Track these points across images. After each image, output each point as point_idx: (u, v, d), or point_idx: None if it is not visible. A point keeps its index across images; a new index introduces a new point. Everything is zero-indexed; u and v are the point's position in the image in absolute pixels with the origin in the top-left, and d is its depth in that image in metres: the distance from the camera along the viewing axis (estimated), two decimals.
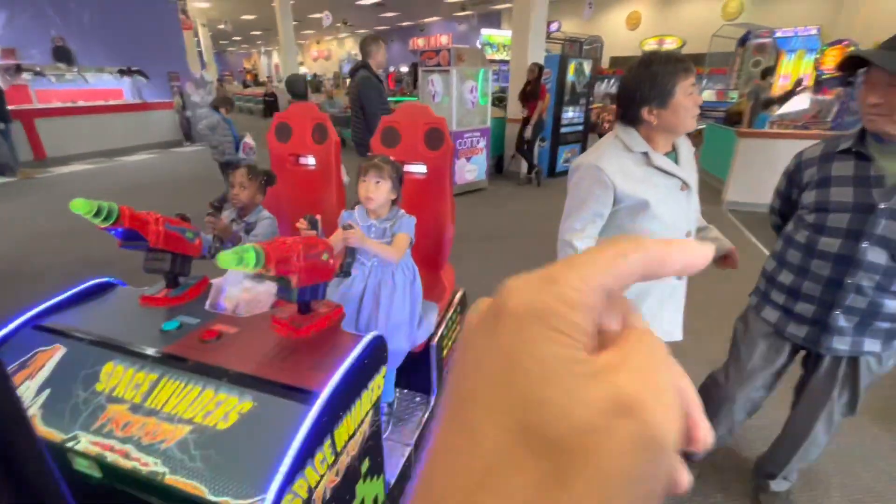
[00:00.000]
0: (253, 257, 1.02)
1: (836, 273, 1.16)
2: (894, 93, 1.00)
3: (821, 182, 1.19)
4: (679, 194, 1.30)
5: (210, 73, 16.27)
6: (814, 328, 1.25)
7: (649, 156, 1.26)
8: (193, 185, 6.24)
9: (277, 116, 2.14)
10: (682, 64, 1.18)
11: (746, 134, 5.21)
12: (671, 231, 1.32)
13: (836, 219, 1.15)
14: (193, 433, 0.98)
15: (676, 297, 1.44)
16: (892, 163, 1.08)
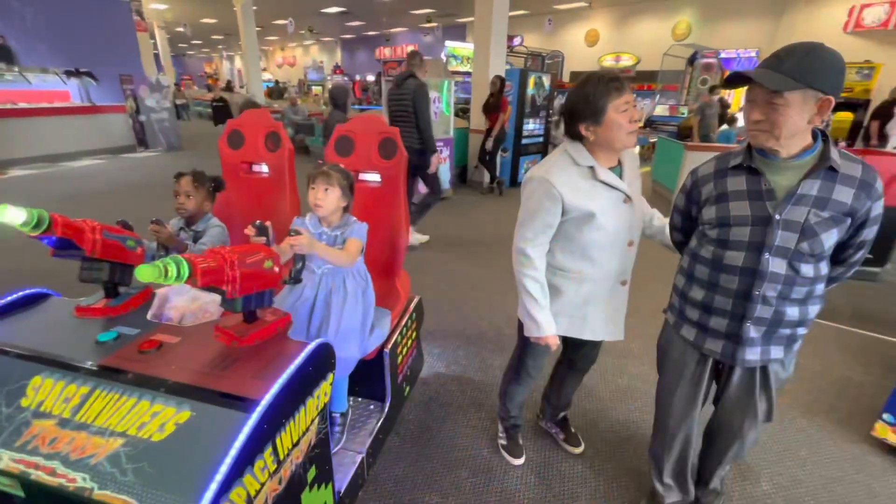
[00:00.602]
0: (174, 269, 0.98)
1: (744, 285, 1.17)
2: (773, 109, 1.03)
3: (719, 198, 1.20)
4: (622, 206, 1.37)
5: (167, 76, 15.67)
6: (728, 342, 1.24)
7: (595, 170, 1.34)
8: (146, 193, 5.99)
9: (230, 123, 2.11)
10: (614, 83, 1.26)
11: (694, 147, 5.54)
12: (614, 240, 1.40)
13: (738, 232, 1.16)
14: (126, 446, 0.95)
15: (616, 300, 1.52)
16: (780, 176, 1.11)
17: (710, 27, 12.74)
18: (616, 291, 1.50)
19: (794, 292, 1.14)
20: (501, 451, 1.88)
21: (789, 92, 1.00)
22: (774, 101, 1.02)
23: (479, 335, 2.79)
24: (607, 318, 1.51)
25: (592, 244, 1.39)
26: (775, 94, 1.01)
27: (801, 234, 1.09)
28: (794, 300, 1.16)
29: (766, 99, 1.04)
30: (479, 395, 2.25)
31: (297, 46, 26.55)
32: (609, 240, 1.39)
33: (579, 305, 1.48)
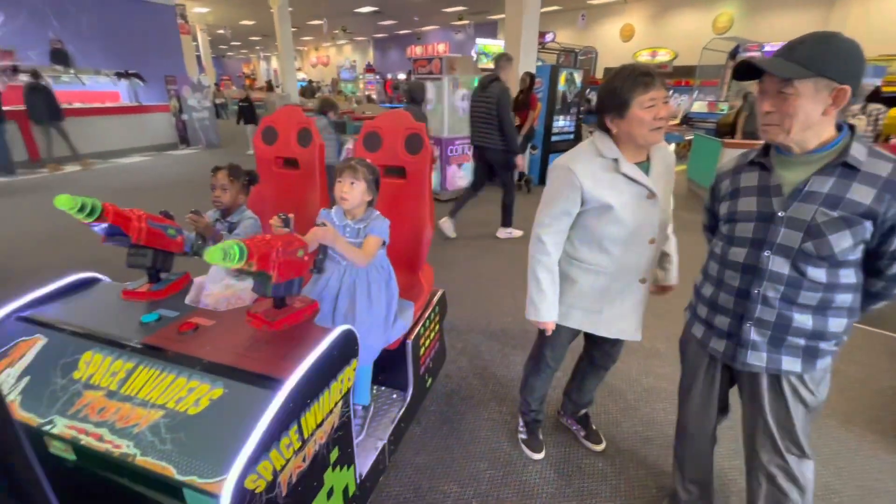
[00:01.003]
0: (237, 252, 1.09)
1: (744, 283, 1.13)
2: (783, 100, 0.99)
3: (732, 193, 1.17)
4: (645, 202, 1.35)
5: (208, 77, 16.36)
6: (730, 342, 1.19)
7: (619, 162, 1.33)
8: (186, 187, 6.29)
9: (265, 120, 2.20)
10: (642, 78, 1.24)
11: (732, 145, 5.33)
12: (634, 235, 1.39)
13: (743, 228, 1.13)
14: (165, 417, 1.03)
15: (633, 298, 1.49)
16: (789, 172, 1.07)
17: (754, 19, 12.17)
18: (634, 289, 1.47)
19: (801, 297, 1.06)
20: (521, 445, 1.89)
21: (800, 81, 0.95)
22: (784, 91, 0.98)
23: (502, 331, 2.80)
24: (622, 316, 1.50)
25: (610, 237, 1.39)
26: (786, 84, 0.97)
27: (806, 232, 1.02)
28: (803, 306, 1.07)
29: (776, 89, 0.99)
30: (501, 389, 2.26)
31: (330, 46, 27.10)
32: (628, 234, 1.38)
33: (595, 299, 1.47)
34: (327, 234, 1.38)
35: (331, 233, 1.40)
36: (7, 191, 6.23)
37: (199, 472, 0.92)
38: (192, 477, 0.91)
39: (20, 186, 6.50)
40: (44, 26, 8.44)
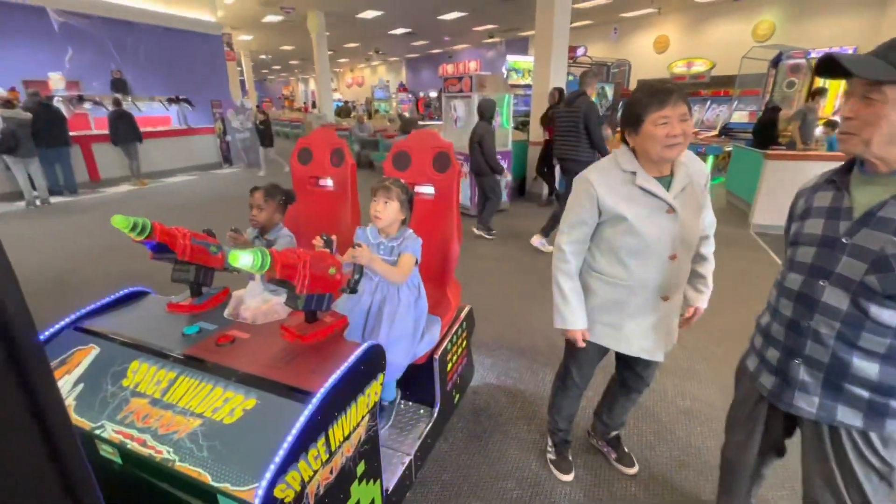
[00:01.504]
0: (259, 259, 1.16)
1: (796, 314, 1.03)
2: (867, 105, 0.87)
3: (803, 213, 1.08)
4: (663, 216, 1.33)
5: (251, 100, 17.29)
6: (777, 379, 1.09)
7: (636, 175, 1.33)
8: (228, 205, 6.61)
9: (300, 141, 2.31)
10: (657, 96, 1.23)
11: (775, 156, 5.10)
12: (651, 249, 1.36)
13: (804, 253, 1.03)
14: (203, 426, 1.08)
15: (654, 315, 1.44)
16: (864, 193, 0.95)
17: (797, 26, 11.71)
18: (656, 306, 1.43)
19: (862, 339, 0.92)
20: (550, 465, 1.85)
21: (890, 86, 0.83)
22: (870, 96, 0.86)
23: (531, 348, 2.77)
24: (643, 333, 1.46)
25: (627, 249, 1.38)
26: (873, 88, 0.86)
27: (872, 264, 0.89)
28: (866, 351, 0.93)
29: (862, 92, 0.88)
30: (530, 407, 2.23)
31: (365, 67, 28.03)
32: (644, 248, 1.36)
33: (615, 313, 1.46)
34: (363, 255, 1.43)
35: (367, 253, 1.45)
36: (69, 209, 6.75)
37: (232, 479, 0.96)
38: (226, 484, 0.96)
39: (80, 205, 7.02)
40: (106, 59, 9.19)
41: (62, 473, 0.42)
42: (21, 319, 0.37)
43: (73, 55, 8.72)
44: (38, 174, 6.67)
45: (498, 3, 11.86)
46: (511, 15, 13.24)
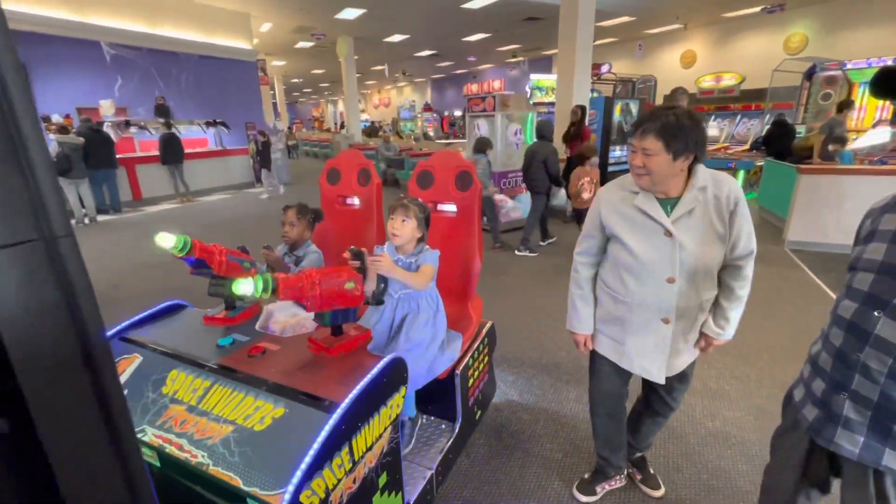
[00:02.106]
0: (261, 284, 1.21)
1: (846, 345, 0.96)
2: None
3: (868, 236, 1.00)
4: (661, 239, 1.32)
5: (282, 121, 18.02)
6: (821, 412, 1.02)
7: (638, 195, 1.36)
8: (261, 223, 6.87)
9: (329, 162, 2.42)
10: (637, 123, 1.31)
11: (809, 170, 4.94)
12: (647, 270, 1.36)
13: (861, 279, 0.95)
14: (235, 433, 1.14)
15: (654, 337, 1.42)
16: None
17: (831, 37, 11.41)
18: (656, 328, 1.42)
19: None
20: (574, 484, 1.82)
21: None
22: None
23: (555, 365, 2.75)
24: (644, 353, 1.46)
25: (625, 266, 1.41)
26: None
27: None
28: None
29: None
30: (553, 425, 2.21)
31: (391, 88, 28.83)
32: (641, 268, 1.37)
33: (618, 328, 1.49)
34: (383, 264, 1.48)
35: (387, 262, 1.50)
36: (114, 227, 7.16)
37: (261, 484, 1.01)
38: (255, 488, 1.01)
39: (124, 222, 7.44)
40: (151, 86, 9.82)
41: (123, 467, 0.47)
42: (94, 321, 0.43)
43: (122, 83, 9.35)
44: (88, 194, 7.12)
45: (521, 23, 12.08)
46: (534, 35, 13.45)
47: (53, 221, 0.39)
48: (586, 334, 1.58)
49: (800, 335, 3.01)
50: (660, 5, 11.03)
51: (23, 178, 0.37)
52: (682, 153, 1.24)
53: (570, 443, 2.08)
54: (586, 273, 1.56)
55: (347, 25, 11.91)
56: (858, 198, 4.59)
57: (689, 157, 1.27)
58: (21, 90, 0.36)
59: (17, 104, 0.36)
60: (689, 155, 1.26)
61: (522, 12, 10.98)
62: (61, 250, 0.40)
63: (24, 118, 0.37)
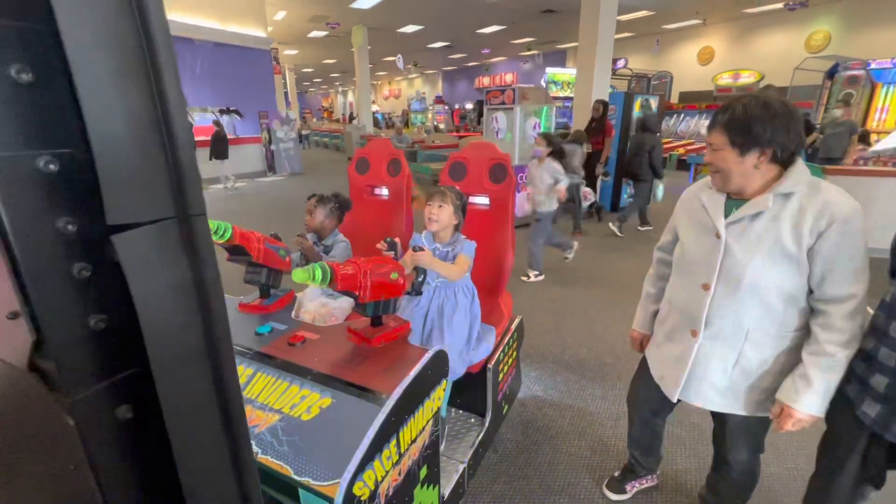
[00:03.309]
0: (320, 274, 1.20)
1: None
2: None
3: None
4: (709, 239, 1.22)
5: (293, 111, 18.00)
6: (885, 407, 1.01)
7: (708, 191, 1.27)
8: (277, 210, 6.88)
9: (358, 152, 2.39)
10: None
11: (835, 171, 4.85)
12: (689, 270, 1.29)
13: None
14: (282, 421, 1.13)
15: (680, 347, 1.33)
16: None
17: (854, 35, 11.17)
18: (682, 337, 1.31)
19: None
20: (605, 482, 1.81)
21: None
22: None
23: (578, 362, 2.73)
24: (667, 362, 1.39)
25: (675, 263, 1.38)
26: None
27: None
28: None
29: None
30: (580, 422, 2.19)
31: (402, 80, 28.68)
32: (684, 266, 1.32)
33: (660, 328, 1.44)
34: (424, 257, 1.47)
35: (427, 255, 1.48)
36: None
37: (313, 474, 1.00)
38: (307, 478, 1.00)
39: None
40: None
41: (235, 456, 0.46)
42: (219, 304, 0.41)
43: None
44: None
45: (538, 16, 11.92)
46: (550, 28, 13.28)
47: (190, 199, 0.37)
48: (640, 332, 1.56)
49: None
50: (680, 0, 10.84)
51: (164, 155, 0.35)
52: (752, 148, 1.08)
53: (598, 440, 2.07)
54: (658, 270, 1.51)
55: (362, 15, 11.82)
56: (885, 200, 4.50)
57: (764, 154, 1.08)
58: (171, 73, 0.34)
59: (166, 86, 0.34)
60: (765, 151, 1.08)
61: (540, 4, 10.84)
62: (195, 229, 0.38)
63: (171, 99, 0.35)
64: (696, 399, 1.32)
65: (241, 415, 0.45)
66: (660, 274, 1.50)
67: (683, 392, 1.34)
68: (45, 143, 0.32)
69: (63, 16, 0.28)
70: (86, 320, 0.36)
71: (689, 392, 1.33)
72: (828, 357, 1.10)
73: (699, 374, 1.29)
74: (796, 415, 1.13)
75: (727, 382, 1.26)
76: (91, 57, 0.30)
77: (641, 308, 1.56)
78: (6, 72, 0.30)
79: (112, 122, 0.32)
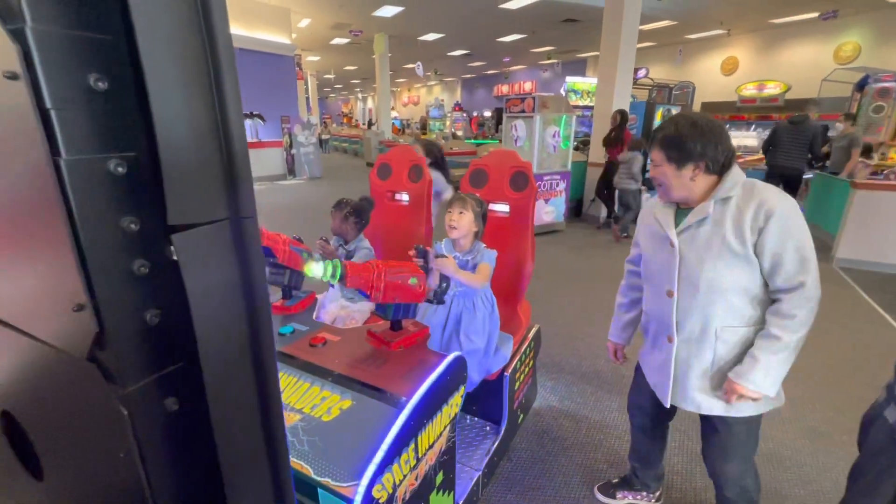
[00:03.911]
0: (330, 268, 1.23)
1: None
2: None
3: None
4: (665, 249, 1.29)
5: (314, 116, 18.32)
6: None
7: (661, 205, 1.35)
8: (298, 213, 6.99)
9: (380, 157, 2.43)
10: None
11: (865, 185, 4.72)
12: (652, 280, 1.37)
13: None
14: (302, 421, 1.15)
15: (661, 354, 1.36)
16: None
17: (886, 48, 10.89)
18: (661, 344, 1.36)
19: None
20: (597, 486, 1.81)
21: None
22: None
23: (594, 373, 2.70)
24: (653, 368, 1.43)
25: (644, 274, 1.43)
26: None
27: None
28: None
29: None
30: (596, 434, 2.16)
31: (421, 87, 28.94)
32: (649, 277, 1.40)
33: (645, 336, 1.48)
34: (448, 265, 1.47)
35: (452, 264, 1.49)
36: None
37: (332, 474, 1.01)
38: (327, 478, 1.01)
39: None
40: None
41: (271, 449, 0.47)
42: (264, 304, 0.43)
43: None
44: None
45: (559, 25, 11.93)
46: (571, 37, 13.26)
47: (242, 202, 0.39)
48: (612, 342, 1.63)
49: (854, 356, 2.87)
50: (705, 10, 10.73)
51: (221, 160, 0.37)
52: (686, 163, 1.18)
53: (615, 454, 2.03)
54: (629, 281, 1.57)
55: (384, 23, 12.00)
56: None
57: (698, 167, 1.18)
58: (232, 83, 0.36)
59: (227, 95, 0.36)
60: (699, 164, 1.18)
61: (561, 14, 10.85)
62: (246, 230, 0.39)
63: (230, 107, 0.37)
64: (686, 403, 1.35)
65: (279, 410, 0.46)
66: (630, 284, 1.57)
67: (673, 397, 1.37)
68: (115, 147, 0.34)
69: (142, 30, 0.30)
70: (143, 315, 0.38)
71: (677, 396, 1.36)
72: (773, 339, 1.16)
73: (683, 379, 1.33)
74: (739, 389, 1.20)
75: (709, 383, 1.30)
76: (163, 67, 0.32)
77: (614, 318, 1.62)
78: (85, 80, 0.32)
79: (178, 128, 0.34)
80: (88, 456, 0.42)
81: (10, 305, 0.44)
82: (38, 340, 0.41)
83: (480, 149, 10.94)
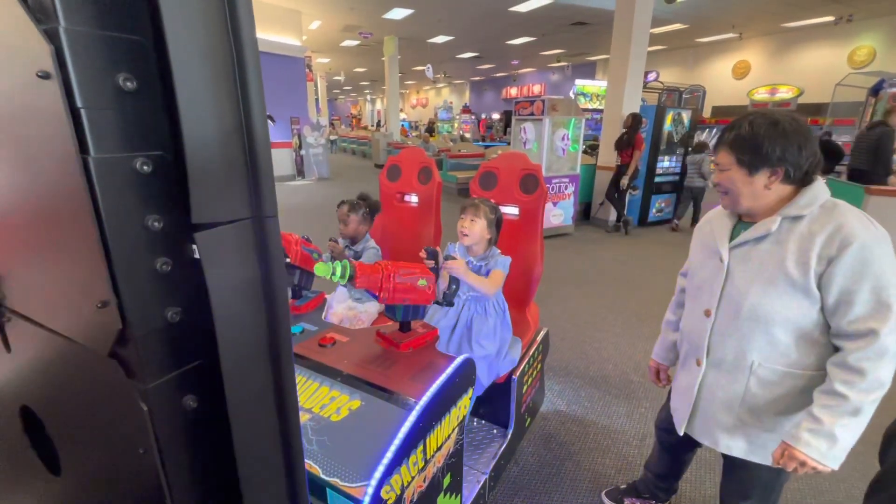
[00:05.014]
0: (339, 269, 1.24)
1: None
2: None
3: None
4: (713, 264, 1.17)
5: (323, 117, 18.44)
6: None
7: (721, 214, 1.23)
8: (307, 214, 7.03)
9: (391, 159, 2.44)
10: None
11: (879, 192, 4.64)
12: (695, 296, 1.24)
13: None
14: (311, 421, 1.15)
15: (688, 377, 1.27)
16: None
17: None
18: (690, 367, 1.25)
19: None
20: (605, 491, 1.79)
21: None
22: None
23: (602, 378, 2.68)
24: (678, 390, 1.33)
25: (686, 289, 1.33)
26: None
27: None
28: None
29: None
30: (604, 440, 2.15)
31: (430, 89, 29.01)
32: (692, 292, 1.28)
33: (679, 360, 1.37)
34: (458, 267, 1.47)
35: (462, 266, 1.49)
36: None
37: (341, 474, 1.02)
38: (336, 479, 1.01)
39: None
40: None
41: (286, 447, 0.47)
42: (283, 302, 0.43)
43: None
44: None
45: (569, 28, 11.91)
46: (580, 40, 13.23)
47: (264, 202, 0.39)
48: (655, 361, 1.50)
49: None
50: (716, 14, 10.65)
51: (245, 161, 0.37)
52: (761, 168, 1.02)
53: (623, 459, 2.02)
54: (680, 297, 1.42)
55: (394, 25, 12.05)
56: None
57: (776, 174, 1.02)
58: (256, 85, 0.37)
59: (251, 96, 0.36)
60: (776, 170, 1.01)
61: (571, 17, 10.83)
62: (267, 229, 0.40)
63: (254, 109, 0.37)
64: (702, 436, 1.25)
65: (296, 408, 0.47)
66: (679, 301, 1.42)
67: (689, 426, 1.28)
68: (141, 146, 0.35)
69: (171, 32, 0.30)
70: (164, 312, 0.38)
71: (694, 426, 1.27)
72: (838, 397, 0.96)
73: (705, 409, 1.22)
74: (799, 457, 0.99)
75: (734, 421, 1.17)
76: (191, 69, 0.32)
77: (661, 336, 1.49)
78: (114, 79, 0.32)
79: (204, 129, 0.34)
80: (106, 451, 0.43)
81: (34, 301, 0.45)
82: (60, 336, 0.42)
83: (489, 151, 10.93)
